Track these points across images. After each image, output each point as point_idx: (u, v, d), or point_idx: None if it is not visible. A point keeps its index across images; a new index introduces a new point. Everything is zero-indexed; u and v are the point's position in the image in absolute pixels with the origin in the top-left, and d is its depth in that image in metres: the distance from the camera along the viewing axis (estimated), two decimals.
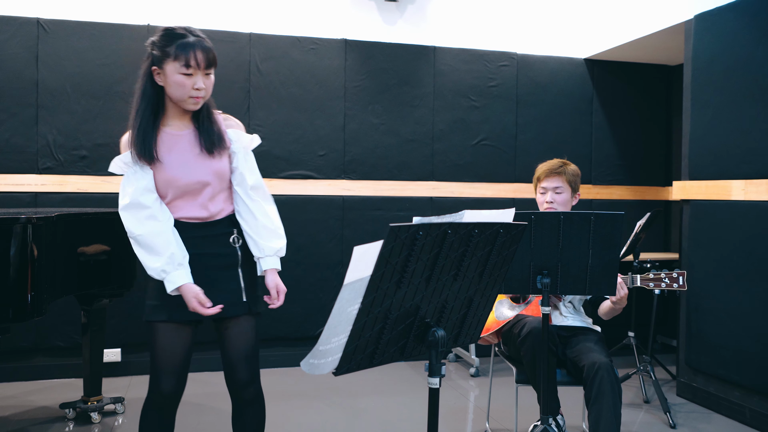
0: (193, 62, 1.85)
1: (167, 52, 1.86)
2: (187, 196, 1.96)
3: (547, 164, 2.77)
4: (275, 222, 2.05)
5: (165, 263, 1.87)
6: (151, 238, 1.89)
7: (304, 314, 4.23)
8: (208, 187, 1.96)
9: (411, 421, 3.28)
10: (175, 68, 1.86)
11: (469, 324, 1.52)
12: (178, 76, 1.86)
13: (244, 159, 2.02)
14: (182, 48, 1.85)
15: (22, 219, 2.33)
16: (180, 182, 1.93)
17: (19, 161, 3.78)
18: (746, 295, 3.29)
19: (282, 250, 2.04)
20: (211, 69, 1.91)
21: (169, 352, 1.94)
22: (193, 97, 1.89)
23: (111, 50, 3.91)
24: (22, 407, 3.37)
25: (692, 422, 3.36)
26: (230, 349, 2.01)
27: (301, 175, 4.23)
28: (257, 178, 2.05)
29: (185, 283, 1.88)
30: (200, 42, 1.88)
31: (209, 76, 1.92)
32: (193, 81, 1.87)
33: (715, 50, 3.53)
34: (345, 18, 4.34)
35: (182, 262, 1.91)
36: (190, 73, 1.86)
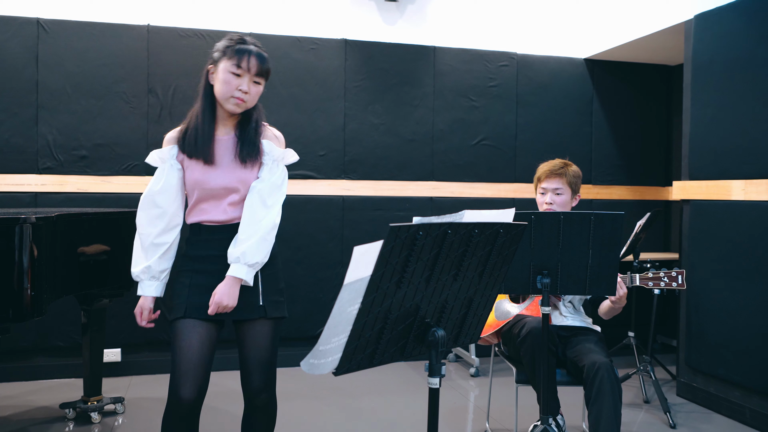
0: (244, 64, 1.93)
1: (225, 51, 1.95)
2: (212, 200, 2.00)
3: (549, 164, 2.75)
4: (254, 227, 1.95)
5: (141, 271, 2.01)
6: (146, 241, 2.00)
7: (304, 314, 4.23)
8: (233, 194, 2.00)
9: (411, 421, 3.28)
10: (226, 66, 1.93)
11: (469, 324, 1.52)
12: (227, 74, 1.93)
13: (269, 171, 2.02)
14: (239, 51, 1.94)
15: (22, 219, 2.33)
16: (208, 185, 1.98)
17: (19, 161, 3.78)
18: (746, 295, 3.29)
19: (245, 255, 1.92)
20: (261, 78, 1.97)
21: (185, 351, 1.92)
22: (235, 97, 1.94)
23: (111, 50, 3.91)
24: (22, 407, 3.37)
25: (692, 422, 3.36)
26: (245, 354, 2.01)
27: (301, 175, 4.23)
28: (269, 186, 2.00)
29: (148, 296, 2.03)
30: (259, 52, 1.97)
31: (257, 85, 1.97)
32: (240, 82, 1.93)
33: (715, 50, 3.53)
34: (345, 18, 4.34)
35: (156, 276, 2.02)
36: (239, 74, 1.93)
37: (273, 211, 2.00)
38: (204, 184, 1.97)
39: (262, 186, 1.99)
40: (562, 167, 2.72)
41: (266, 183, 2.00)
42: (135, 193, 3.93)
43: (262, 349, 2.00)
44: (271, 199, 2.00)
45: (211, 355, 1.97)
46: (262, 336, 2.00)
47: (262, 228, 1.95)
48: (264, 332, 2.00)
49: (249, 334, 2.00)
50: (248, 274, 1.93)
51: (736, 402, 3.38)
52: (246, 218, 1.96)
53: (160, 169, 2.01)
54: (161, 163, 2.01)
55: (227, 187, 1.98)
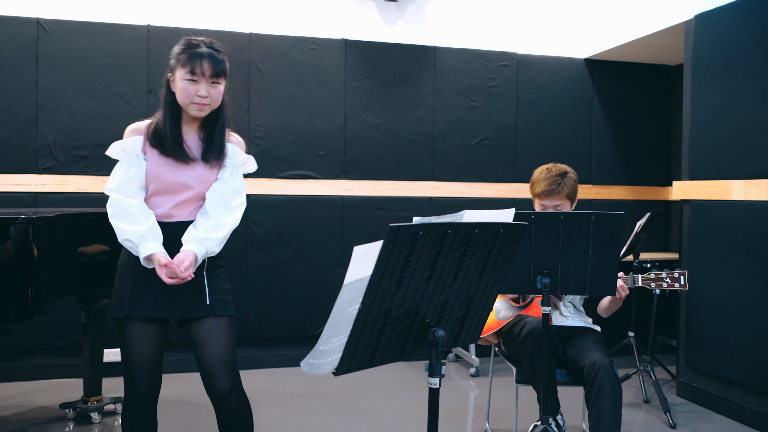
0: (198, 70, 1.93)
1: (179, 59, 1.96)
2: (166, 194, 1.99)
3: (545, 180, 2.64)
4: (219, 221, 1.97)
5: (146, 230, 1.91)
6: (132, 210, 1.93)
7: (304, 314, 4.23)
8: (189, 191, 2.00)
9: (411, 421, 3.28)
10: (182, 74, 1.94)
11: (469, 324, 1.52)
12: (183, 82, 1.94)
13: (230, 174, 2.03)
14: (191, 57, 1.93)
15: (22, 219, 2.33)
16: (165, 179, 1.97)
17: (19, 161, 3.78)
18: (746, 295, 3.29)
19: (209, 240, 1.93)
20: (219, 79, 1.96)
21: (137, 352, 1.96)
22: (195, 103, 1.95)
23: (111, 50, 3.91)
24: (22, 407, 3.37)
25: (692, 422, 3.36)
26: (204, 357, 1.98)
27: (301, 175, 4.23)
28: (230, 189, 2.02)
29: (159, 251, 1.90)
30: (210, 53, 1.95)
31: (216, 86, 1.97)
32: (197, 88, 1.94)
33: (715, 50, 3.53)
34: (345, 18, 4.34)
35: (158, 238, 1.94)
36: (195, 80, 1.93)
37: (236, 214, 2.03)
38: (162, 177, 1.97)
39: (225, 188, 2.01)
40: (559, 183, 2.62)
41: (228, 185, 2.02)
42: None
43: (222, 348, 1.98)
44: (234, 201, 2.03)
45: (161, 350, 2.02)
46: (217, 336, 1.98)
47: (228, 226, 1.99)
48: (218, 332, 1.99)
49: (203, 336, 1.98)
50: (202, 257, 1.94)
51: (736, 402, 3.38)
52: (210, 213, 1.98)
53: (125, 160, 1.98)
54: (124, 154, 1.99)
55: (185, 184, 1.98)
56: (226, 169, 2.04)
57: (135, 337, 1.96)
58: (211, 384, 1.98)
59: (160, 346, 2.02)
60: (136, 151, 1.99)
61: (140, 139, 2.00)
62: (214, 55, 1.95)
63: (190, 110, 1.97)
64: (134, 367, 1.97)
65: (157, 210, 2.00)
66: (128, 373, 1.98)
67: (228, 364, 1.98)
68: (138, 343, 1.96)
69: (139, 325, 1.96)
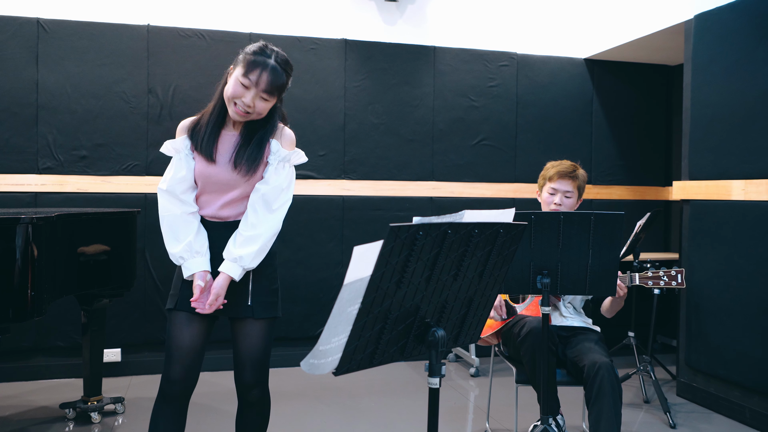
0: (253, 77, 1.88)
1: (245, 58, 1.92)
2: (213, 194, 2.00)
3: (560, 165, 2.72)
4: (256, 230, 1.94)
5: (183, 250, 1.94)
6: (175, 223, 1.96)
7: (304, 314, 4.23)
8: (233, 191, 1.98)
9: (411, 421, 3.28)
10: (238, 74, 1.91)
11: (469, 324, 1.52)
12: (235, 81, 1.91)
13: (275, 172, 1.98)
14: (255, 63, 1.89)
15: (22, 219, 2.33)
16: (212, 178, 1.98)
17: (19, 161, 3.78)
18: (746, 295, 3.29)
19: (243, 259, 1.92)
20: (271, 96, 1.91)
21: (176, 340, 1.97)
22: (236, 106, 1.91)
23: (111, 50, 3.91)
24: (22, 407, 3.37)
25: (692, 422, 3.36)
26: (237, 350, 2.04)
27: (301, 175, 4.23)
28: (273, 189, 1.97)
29: (199, 270, 1.93)
30: (275, 67, 1.90)
31: (266, 101, 1.92)
32: (244, 94, 1.89)
33: (715, 50, 3.53)
34: (345, 18, 4.34)
35: (200, 250, 1.95)
36: (246, 85, 1.89)
37: (277, 216, 1.98)
38: (210, 176, 1.98)
39: (266, 189, 1.96)
40: (574, 170, 2.71)
41: (271, 185, 1.96)
42: (135, 193, 3.93)
43: (253, 347, 2.02)
44: (276, 202, 1.98)
45: (201, 345, 2.00)
46: (252, 334, 2.02)
47: (265, 235, 1.95)
48: (254, 331, 2.02)
49: (240, 332, 2.02)
50: (240, 275, 1.95)
51: (736, 402, 3.38)
52: (250, 220, 1.95)
53: (176, 159, 2.00)
54: (175, 153, 2.00)
55: (229, 183, 1.98)
56: (269, 166, 1.98)
57: (177, 325, 1.98)
58: (238, 375, 2.04)
59: (202, 341, 2.00)
60: (185, 149, 1.99)
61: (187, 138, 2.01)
62: (277, 71, 1.90)
63: (230, 109, 1.94)
64: (170, 354, 1.97)
65: (206, 210, 2.01)
66: (166, 362, 1.98)
67: (257, 361, 2.03)
68: (179, 332, 1.97)
69: (184, 316, 1.98)
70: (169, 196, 1.98)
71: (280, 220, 1.99)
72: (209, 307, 1.91)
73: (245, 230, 1.94)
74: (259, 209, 1.95)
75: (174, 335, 1.97)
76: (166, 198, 1.98)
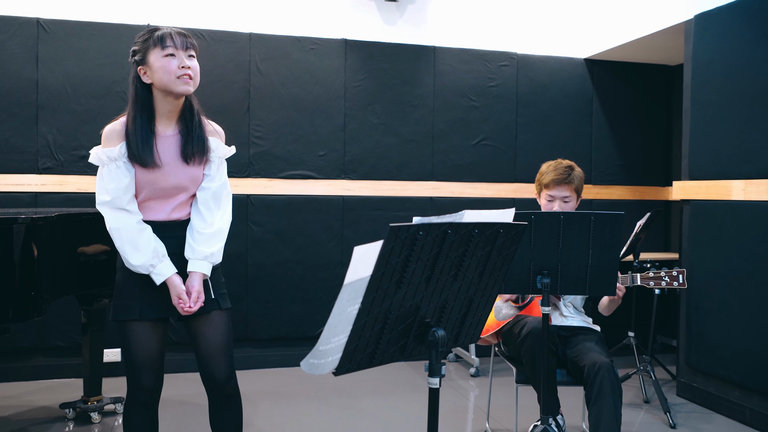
0: (169, 42, 1.92)
1: (146, 45, 1.95)
2: (161, 198, 1.99)
3: (554, 170, 2.67)
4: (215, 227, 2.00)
5: (151, 257, 1.92)
6: (131, 234, 1.92)
7: (304, 314, 4.23)
8: (183, 193, 2.00)
9: (411, 421, 3.28)
10: (157, 55, 1.93)
11: (469, 324, 1.52)
12: (161, 60, 1.92)
13: (217, 168, 2.04)
14: (160, 36, 1.93)
15: (22, 219, 2.32)
16: (158, 185, 1.96)
17: (19, 161, 3.78)
18: (746, 295, 3.29)
19: (213, 256, 1.99)
20: (192, 51, 1.97)
21: (145, 350, 1.97)
22: (180, 77, 1.92)
23: (111, 50, 3.91)
24: (22, 407, 3.37)
25: (692, 422, 3.36)
26: (205, 344, 2.03)
27: (301, 175, 4.23)
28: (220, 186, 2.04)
29: (173, 274, 1.95)
30: (176, 29, 1.97)
31: (193, 58, 1.97)
32: (177, 61, 1.92)
33: (715, 50, 3.53)
34: (345, 18, 4.34)
35: (165, 253, 1.96)
36: (171, 53, 1.92)
37: (228, 210, 2.07)
38: (154, 183, 1.95)
39: (215, 186, 2.02)
40: (569, 173, 2.66)
41: (217, 182, 2.03)
42: None
43: (223, 337, 2.04)
44: (224, 199, 2.06)
45: (164, 349, 2.05)
46: (220, 325, 2.04)
47: (224, 230, 2.03)
48: (221, 322, 2.04)
49: (206, 326, 2.03)
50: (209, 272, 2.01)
51: (736, 402, 3.38)
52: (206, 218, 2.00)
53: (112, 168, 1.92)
54: (109, 162, 1.93)
55: (178, 186, 1.98)
56: (211, 164, 2.03)
57: (142, 336, 1.97)
58: (211, 371, 2.02)
59: (163, 344, 2.04)
60: (122, 158, 1.92)
61: (125, 145, 1.93)
62: (180, 31, 1.97)
63: (178, 87, 1.92)
64: (141, 365, 1.97)
65: (157, 215, 1.99)
66: (133, 372, 1.98)
67: (228, 351, 2.04)
68: (145, 342, 1.97)
69: (146, 325, 1.98)
70: (115, 209, 1.92)
71: (230, 214, 2.08)
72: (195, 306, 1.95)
73: (205, 228, 1.98)
74: (213, 206, 2.01)
75: (140, 345, 1.97)
76: (112, 211, 1.93)
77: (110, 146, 1.94)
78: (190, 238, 1.99)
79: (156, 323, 2.00)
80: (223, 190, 2.05)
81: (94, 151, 1.96)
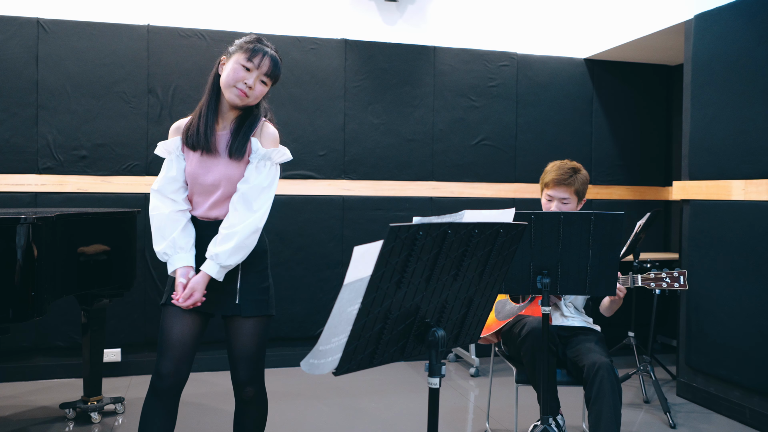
0: (256, 60, 1.96)
1: (242, 46, 1.99)
2: (203, 195, 2.03)
3: (558, 170, 2.64)
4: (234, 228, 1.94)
5: (167, 246, 1.98)
6: (162, 221, 2.00)
7: (304, 314, 4.23)
8: (217, 191, 2.01)
9: (411, 421, 3.28)
10: (238, 58, 1.97)
11: (469, 324, 1.52)
12: (236, 65, 1.96)
13: (255, 171, 1.98)
14: (257, 49, 1.98)
15: (22, 219, 2.33)
16: (199, 180, 2.01)
17: (19, 161, 3.78)
18: (746, 295, 3.29)
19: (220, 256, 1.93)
20: (269, 80, 2.01)
21: (166, 335, 1.99)
22: (238, 88, 1.96)
23: (111, 50, 3.91)
24: (22, 407, 3.37)
25: (692, 422, 3.36)
26: (231, 348, 2.06)
27: (301, 175, 4.23)
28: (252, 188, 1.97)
29: (182, 266, 1.97)
30: (274, 55, 2.01)
31: (264, 85, 2.01)
32: (246, 76, 1.96)
33: (715, 50, 3.53)
34: (345, 18, 4.34)
35: (184, 246, 1.98)
36: (248, 67, 1.96)
37: (257, 215, 1.97)
38: (197, 178, 2.01)
39: (246, 188, 1.97)
40: (571, 175, 2.63)
41: (251, 184, 1.97)
42: (135, 193, 3.93)
43: (243, 345, 2.03)
44: (257, 202, 1.97)
45: (192, 340, 2.00)
46: (242, 332, 2.03)
47: (241, 233, 1.94)
48: (244, 329, 2.03)
49: (231, 330, 2.04)
50: (219, 273, 1.96)
51: (736, 402, 3.38)
52: (229, 219, 1.97)
53: (167, 160, 2.05)
54: (167, 154, 2.05)
55: (213, 184, 2.00)
56: (250, 166, 2.00)
57: (168, 320, 2.00)
58: (233, 373, 2.06)
59: (192, 337, 2.01)
60: (176, 151, 2.04)
61: (179, 139, 2.05)
62: (276, 58, 2.01)
63: (230, 93, 1.97)
64: (161, 349, 1.99)
65: (197, 210, 2.05)
66: (157, 357, 2.00)
67: (250, 358, 2.04)
68: (168, 326, 1.99)
69: (174, 311, 2.00)
70: (160, 196, 2.02)
71: (260, 218, 1.98)
72: (183, 301, 1.93)
73: (223, 228, 1.97)
74: (240, 208, 1.97)
75: (164, 330, 2.00)
76: (157, 197, 2.03)
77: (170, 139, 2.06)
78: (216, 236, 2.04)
79: (191, 314, 2.00)
80: (257, 192, 1.97)
81: (159, 144, 2.07)
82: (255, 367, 2.05)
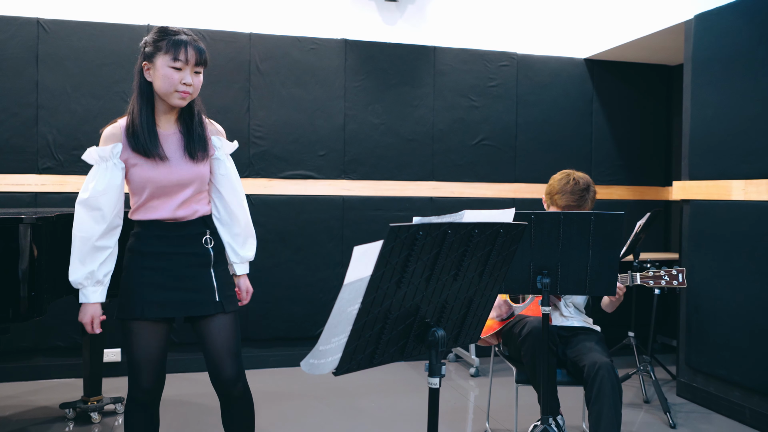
0: (182, 56, 1.88)
1: (159, 46, 1.89)
2: (164, 197, 1.96)
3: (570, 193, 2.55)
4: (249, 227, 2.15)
5: (84, 277, 1.90)
6: (85, 247, 1.89)
7: (304, 314, 4.23)
8: (185, 190, 1.97)
9: (411, 421, 3.28)
10: (165, 61, 1.88)
11: (469, 324, 1.52)
12: (167, 69, 1.88)
13: (226, 163, 2.08)
14: (174, 43, 1.88)
15: (22, 219, 2.32)
16: (159, 182, 1.94)
17: (19, 161, 3.78)
18: (746, 295, 3.29)
19: (250, 255, 2.16)
20: (201, 68, 1.94)
21: (145, 349, 1.96)
22: (179, 91, 1.90)
23: (111, 50, 3.91)
24: (22, 407, 3.37)
25: (692, 422, 3.36)
26: (213, 346, 2.00)
27: (301, 175, 4.23)
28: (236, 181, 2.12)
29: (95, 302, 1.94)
30: (193, 40, 1.92)
31: (198, 75, 1.94)
32: (182, 76, 1.89)
33: (714, 50, 3.53)
34: (345, 18, 4.34)
35: (102, 280, 1.93)
36: (179, 67, 1.89)
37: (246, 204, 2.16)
38: (157, 181, 1.93)
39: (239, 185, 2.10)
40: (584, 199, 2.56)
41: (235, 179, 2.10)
42: None
43: (229, 339, 2.01)
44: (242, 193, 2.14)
45: (165, 350, 2.03)
46: (225, 328, 2.01)
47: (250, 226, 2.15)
48: (226, 324, 2.02)
49: (212, 328, 2.00)
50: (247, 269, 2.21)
51: (736, 402, 3.38)
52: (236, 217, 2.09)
53: (101, 168, 1.90)
54: (101, 162, 1.90)
55: (180, 183, 1.96)
56: (223, 162, 2.06)
57: (143, 335, 1.96)
58: (218, 372, 2.00)
59: (166, 344, 2.02)
60: (114, 158, 1.90)
61: (119, 146, 1.91)
62: (196, 43, 1.92)
63: (172, 99, 1.91)
64: (141, 365, 1.96)
65: (161, 213, 1.97)
66: (134, 371, 1.97)
67: (234, 353, 2.02)
68: (146, 341, 1.96)
69: (148, 324, 1.96)
70: (90, 210, 1.88)
71: None
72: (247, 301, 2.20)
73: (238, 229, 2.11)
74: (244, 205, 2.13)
75: (142, 345, 1.96)
76: (86, 212, 1.88)
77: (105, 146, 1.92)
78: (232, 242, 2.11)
79: (158, 323, 1.98)
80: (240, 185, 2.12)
81: (88, 150, 1.92)
82: (240, 361, 2.04)
